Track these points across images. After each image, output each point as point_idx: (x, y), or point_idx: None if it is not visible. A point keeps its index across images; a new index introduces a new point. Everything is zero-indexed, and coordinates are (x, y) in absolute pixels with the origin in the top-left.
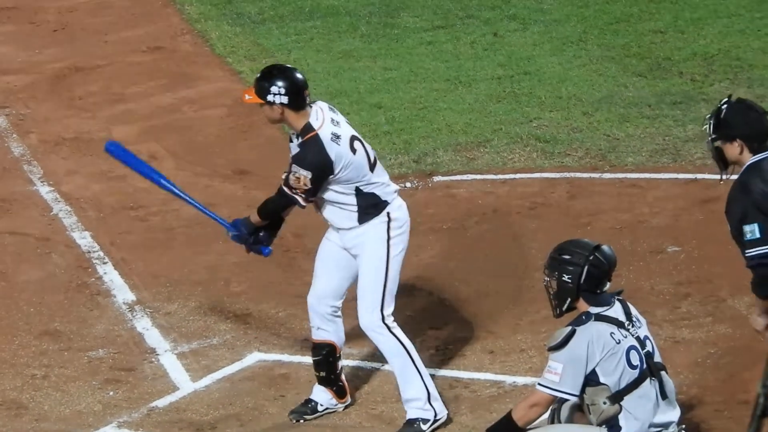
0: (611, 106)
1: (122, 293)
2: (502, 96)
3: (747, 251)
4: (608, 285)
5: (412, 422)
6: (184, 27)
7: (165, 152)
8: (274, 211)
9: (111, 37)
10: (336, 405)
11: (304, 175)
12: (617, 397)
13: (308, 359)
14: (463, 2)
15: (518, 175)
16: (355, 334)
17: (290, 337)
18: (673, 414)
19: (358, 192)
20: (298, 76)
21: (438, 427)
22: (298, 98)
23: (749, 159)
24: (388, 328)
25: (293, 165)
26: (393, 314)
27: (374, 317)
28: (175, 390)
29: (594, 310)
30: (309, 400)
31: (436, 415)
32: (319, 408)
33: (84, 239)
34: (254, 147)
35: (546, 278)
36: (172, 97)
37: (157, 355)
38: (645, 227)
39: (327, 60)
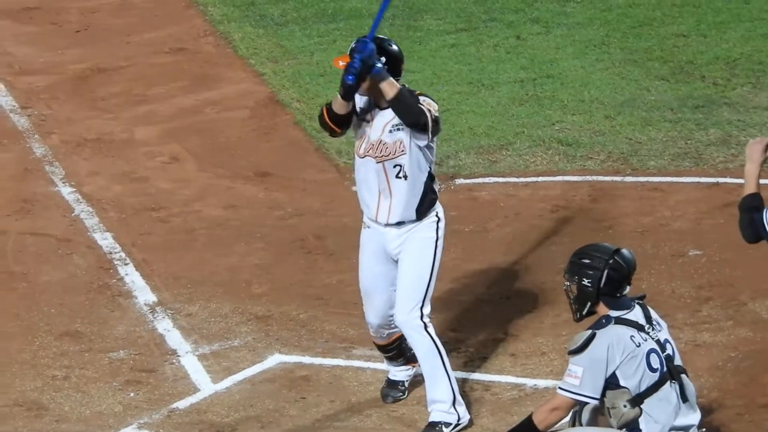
0: (633, 109)
1: (143, 294)
2: (524, 99)
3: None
4: (628, 288)
5: (434, 425)
6: (206, 28)
7: (187, 154)
8: (410, 108)
9: (133, 38)
10: (416, 370)
11: (431, 103)
12: (637, 400)
13: (329, 361)
14: (486, 5)
15: (540, 178)
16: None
17: (311, 339)
18: (693, 417)
19: (430, 174)
20: (397, 47)
21: (459, 431)
22: (399, 68)
23: None
24: (425, 327)
25: (420, 96)
26: (430, 315)
27: (414, 315)
28: (195, 391)
29: (614, 313)
30: (395, 381)
31: (459, 419)
32: (407, 384)
33: (105, 240)
34: (276, 149)
35: (566, 282)
36: (194, 98)
37: (178, 356)
38: (666, 231)
39: None
